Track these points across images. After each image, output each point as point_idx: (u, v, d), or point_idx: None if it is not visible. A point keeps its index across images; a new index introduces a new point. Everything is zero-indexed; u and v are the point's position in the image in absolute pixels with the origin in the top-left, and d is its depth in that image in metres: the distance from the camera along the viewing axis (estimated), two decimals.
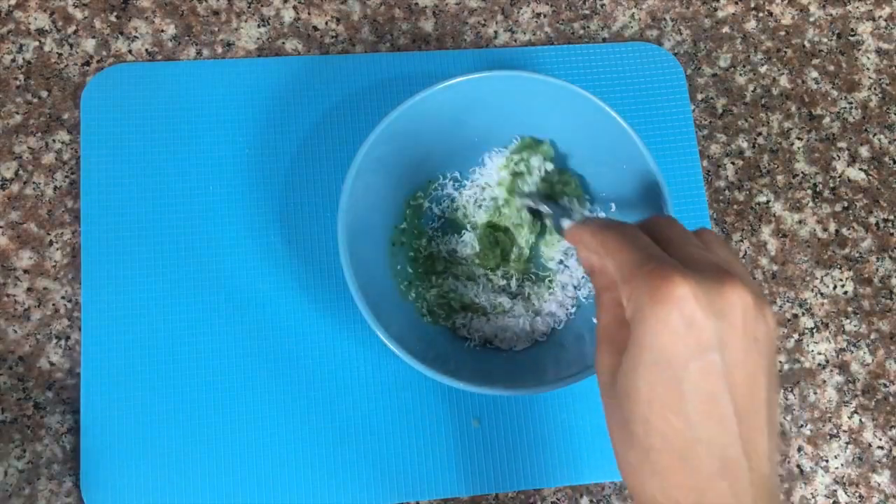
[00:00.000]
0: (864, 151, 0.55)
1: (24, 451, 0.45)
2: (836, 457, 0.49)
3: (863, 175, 0.54)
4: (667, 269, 0.28)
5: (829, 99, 0.56)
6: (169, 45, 0.52)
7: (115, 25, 0.52)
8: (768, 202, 0.53)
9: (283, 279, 0.48)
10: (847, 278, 0.52)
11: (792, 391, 0.50)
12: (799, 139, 0.55)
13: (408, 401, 0.47)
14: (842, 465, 0.49)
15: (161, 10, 0.53)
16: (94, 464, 0.44)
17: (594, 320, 0.34)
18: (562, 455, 0.47)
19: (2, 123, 0.49)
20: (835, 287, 0.52)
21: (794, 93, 0.56)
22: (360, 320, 0.42)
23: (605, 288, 0.34)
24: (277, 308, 0.47)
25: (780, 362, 0.50)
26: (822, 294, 0.52)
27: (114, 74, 0.50)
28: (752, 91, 0.55)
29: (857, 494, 0.48)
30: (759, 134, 0.54)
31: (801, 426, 0.49)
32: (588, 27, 0.55)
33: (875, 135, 0.55)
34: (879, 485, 0.49)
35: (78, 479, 0.44)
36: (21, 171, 0.49)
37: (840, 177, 0.54)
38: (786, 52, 0.56)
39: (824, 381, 0.50)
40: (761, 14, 0.57)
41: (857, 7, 0.58)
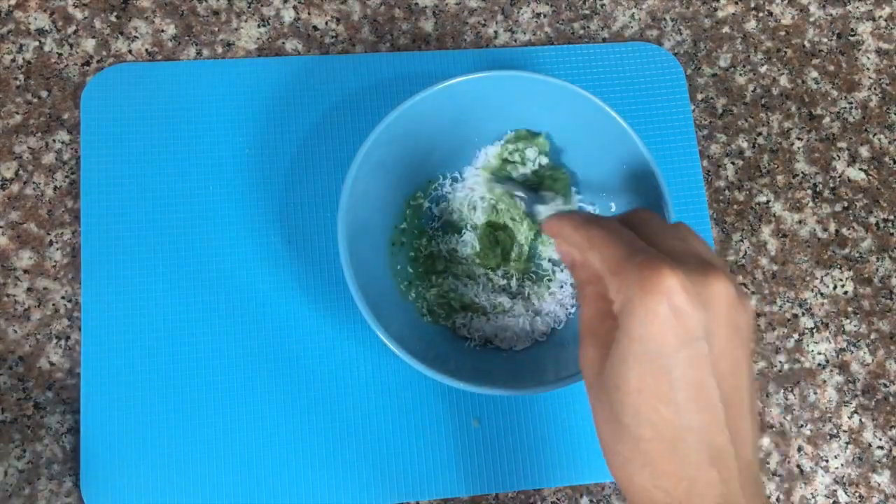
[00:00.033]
0: (864, 151, 0.55)
1: (24, 451, 0.45)
2: (836, 457, 0.49)
3: (863, 175, 0.54)
4: (656, 261, 0.29)
5: (829, 99, 0.56)
6: (169, 45, 0.52)
7: (115, 25, 0.52)
8: (768, 202, 0.53)
9: (283, 279, 0.48)
10: (847, 278, 0.52)
11: (792, 391, 0.50)
12: (799, 139, 0.55)
13: (408, 401, 0.47)
14: (842, 465, 0.49)
15: (161, 10, 0.53)
16: (94, 464, 0.44)
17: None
18: (562, 455, 0.47)
19: (2, 123, 0.49)
20: (835, 287, 0.52)
21: (794, 93, 0.56)
22: (360, 320, 0.42)
23: (588, 282, 0.34)
24: (277, 308, 0.47)
25: (780, 362, 0.50)
26: (822, 294, 0.52)
27: (114, 74, 0.50)
28: (752, 91, 0.55)
29: (857, 494, 0.48)
30: (759, 134, 0.54)
31: (801, 426, 0.49)
32: (588, 27, 0.55)
33: (875, 135, 0.55)
34: (879, 485, 0.49)
35: (78, 479, 0.44)
36: (21, 171, 0.49)
37: (840, 177, 0.54)
38: (786, 52, 0.56)
39: (824, 381, 0.50)
40: (761, 14, 0.57)
41: (857, 7, 0.58)
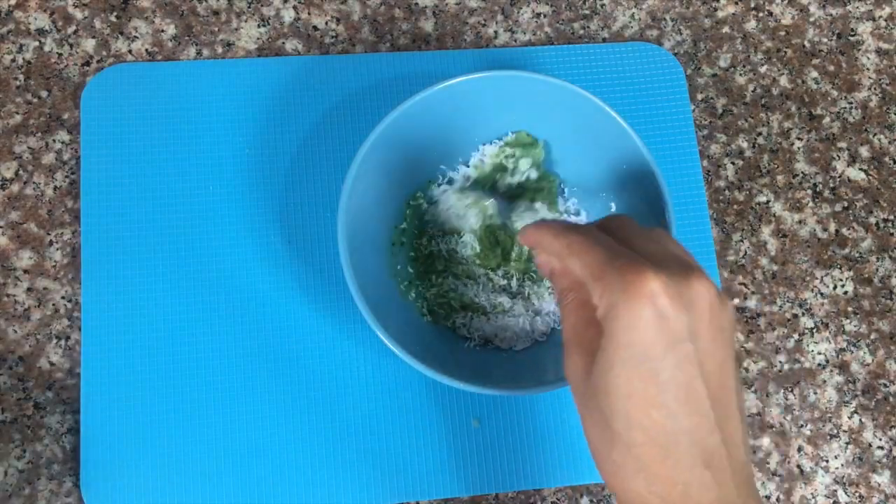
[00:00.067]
0: (864, 151, 0.55)
1: (24, 451, 0.45)
2: (836, 457, 0.49)
3: (863, 175, 0.54)
4: (638, 265, 0.29)
5: (829, 99, 0.56)
6: (169, 45, 0.52)
7: (115, 25, 0.52)
8: (768, 202, 0.53)
9: (283, 279, 0.48)
10: (847, 278, 0.52)
11: (792, 391, 0.50)
12: (799, 139, 0.55)
13: (408, 401, 0.47)
14: (842, 465, 0.49)
15: (161, 10, 0.53)
16: (94, 464, 0.44)
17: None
18: (562, 455, 0.47)
19: (2, 123, 0.49)
20: (835, 287, 0.52)
21: (794, 93, 0.56)
22: (360, 320, 0.42)
23: (569, 289, 0.34)
24: (277, 308, 0.47)
25: (780, 362, 0.50)
26: (822, 294, 0.52)
27: (114, 74, 0.50)
28: (752, 91, 0.55)
29: (857, 494, 0.48)
30: (759, 134, 0.54)
31: (801, 426, 0.49)
32: (588, 27, 0.55)
33: (875, 135, 0.55)
34: (879, 485, 0.49)
35: (78, 479, 0.44)
36: (21, 171, 0.49)
37: (840, 177, 0.54)
38: (786, 52, 0.56)
39: (824, 381, 0.50)
40: (761, 14, 0.57)
41: (857, 7, 0.58)
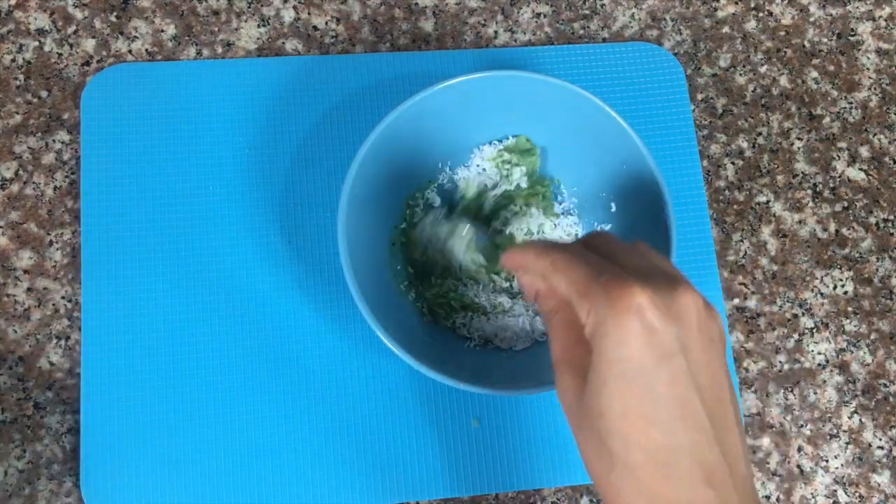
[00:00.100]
0: (864, 151, 0.55)
1: (24, 451, 0.45)
2: (836, 457, 0.49)
3: (863, 175, 0.54)
4: (624, 279, 0.28)
5: (829, 99, 0.56)
6: (169, 45, 0.52)
7: (115, 25, 0.52)
8: (768, 202, 0.53)
9: (283, 279, 0.48)
10: (847, 278, 0.52)
11: (792, 391, 0.50)
12: (799, 139, 0.55)
13: (408, 401, 0.47)
14: (842, 465, 0.49)
15: (161, 10, 0.53)
16: (94, 464, 0.44)
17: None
18: (562, 455, 0.47)
19: (2, 123, 0.49)
20: (835, 287, 0.52)
21: (794, 93, 0.56)
22: (360, 320, 0.42)
23: (555, 310, 0.33)
24: (277, 308, 0.47)
25: (780, 362, 0.50)
26: (822, 294, 0.52)
27: (114, 74, 0.50)
28: (752, 91, 0.55)
29: (857, 494, 0.48)
30: (759, 134, 0.54)
31: (801, 426, 0.49)
32: (588, 27, 0.55)
33: (875, 135, 0.55)
34: (879, 485, 0.49)
35: (78, 479, 0.44)
36: (21, 171, 0.49)
37: (840, 177, 0.54)
38: (786, 52, 0.56)
39: (824, 381, 0.50)
40: (761, 14, 0.57)
41: (857, 7, 0.58)
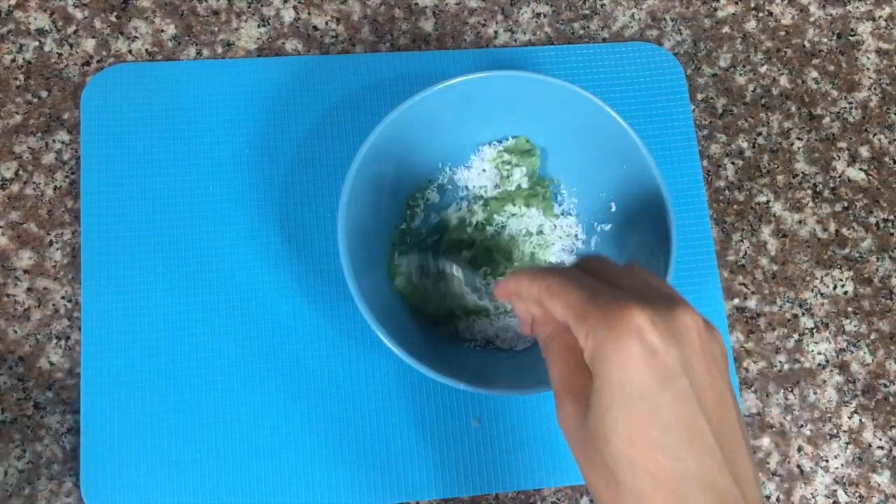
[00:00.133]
0: (864, 151, 0.55)
1: (24, 451, 0.45)
2: (836, 457, 0.49)
3: (863, 175, 0.54)
4: (622, 301, 0.28)
5: (829, 99, 0.56)
6: (169, 45, 0.52)
7: (115, 25, 0.52)
8: (768, 202, 0.53)
9: (283, 279, 0.48)
10: (847, 278, 0.52)
11: (792, 391, 0.50)
12: (799, 139, 0.55)
13: (408, 401, 0.47)
14: (842, 465, 0.49)
15: (161, 10, 0.52)
16: (94, 464, 0.44)
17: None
18: (562, 455, 0.47)
19: (2, 123, 0.49)
20: (835, 287, 0.52)
21: (794, 93, 0.56)
22: (360, 320, 0.42)
23: (552, 337, 0.32)
24: (277, 308, 0.47)
25: (780, 362, 0.50)
26: (822, 294, 0.52)
27: (114, 74, 0.50)
28: (752, 91, 0.55)
29: (857, 494, 0.48)
30: (759, 134, 0.54)
31: (801, 426, 0.49)
32: (588, 27, 0.55)
33: (875, 135, 0.55)
34: (879, 485, 0.49)
35: (78, 479, 0.44)
36: (21, 171, 0.49)
37: (840, 177, 0.54)
38: (786, 52, 0.56)
39: (824, 381, 0.50)
40: (761, 14, 0.57)
41: (857, 7, 0.58)
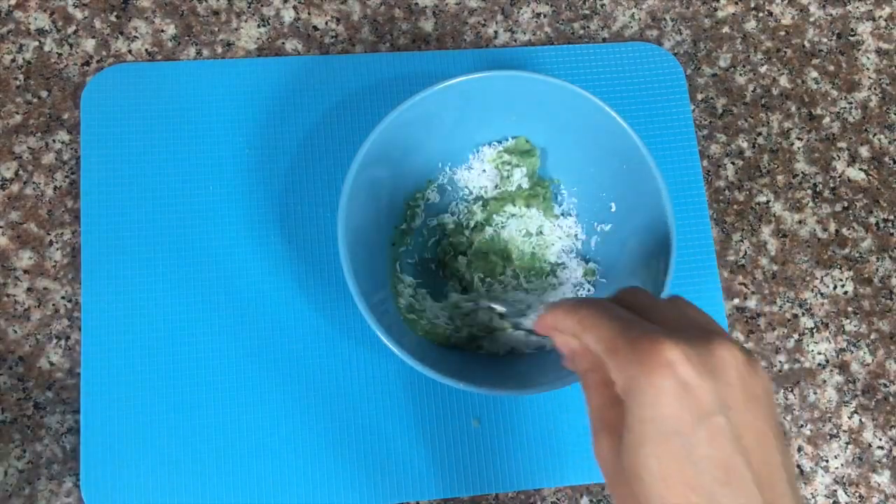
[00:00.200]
0: (864, 151, 0.55)
1: (24, 451, 0.45)
2: (836, 457, 0.49)
3: (863, 175, 0.54)
4: (652, 334, 0.27)
5: (829, 99, 0.56)
6: (169, 45, 0.52)
7: (115, 25, 0.52)
8: (768, 202, 0.53)
9: (283, 279, 0.48)
10: (847, 278, 0.52)
11: (792, 391, 0.50)
12: (799, 139, 0.55)
13: (408, 401, 0.47)
14: (842, 465, 0.49)
15: (161, 10, 0.52)
16: (94, 464, 0.44)
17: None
18: (562, 455, 0.47)
19: (2, 123, 0.49)
20: (835, 287, 0.52)
21: (794, 93, 0.56)
22: (360, 320, 0.42)
23: (590, 370, 0.32)
24: (277, 308, 0.47)
25: (780, 362, 0.50)
26: (822, 294, 0.52)
27: (114, 74, 0.50)
28: (752, 91, 0.55)
29: (857, 494, 0.48)
30: (759, 134, 0.54)
31: (801, 426, 0.49)
32: (588, 27, 0.55)
33: (875, 135, 0.55)
34: (879, 485, 0.49)
35: (78, 479, 0.44)
36: (21, 171, 0.49)
37: (840, 177, 0.54)
38: (786, 52, 0.56)
39: (824, 381, 0.50)
40: (761, 14, 0.57)
41: (857, 7, 0.58)
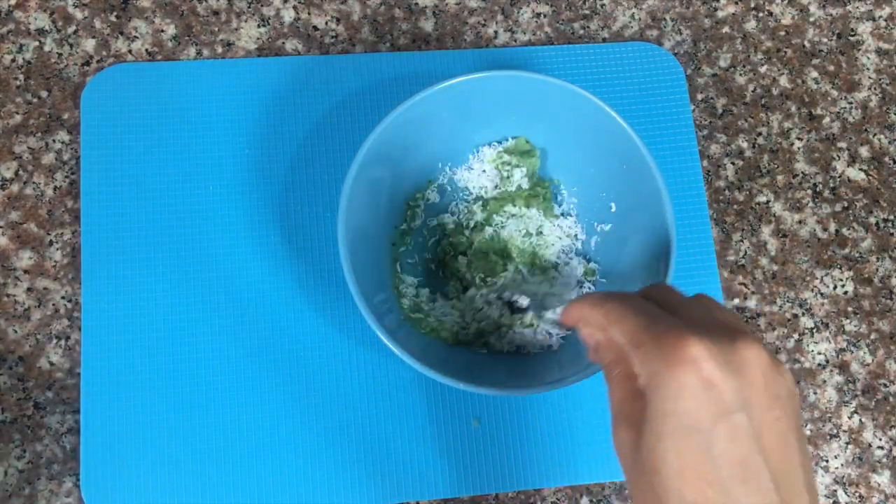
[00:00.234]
0: (864, 151, 0.55)
1: (24, 451, 0.45)
2: (836, 457, 0.49)
3: (863, 175, 0.54)
4: (678, 330, 0.27)
5: (829, 99, 0.56)
6: (169, 45, 0.52)
7: (115, 25, 0.52)
8: (768, 202, 0.53)
9: (283, 279, 0.48)
10: (847, 278, 0.52)
11: None
12: (799, 139, 0.55)
13: (408, 401, 0.47)
14: (842, 465, 0.49)
15: (161, 10, 0.52)
16: (94, 464, 0.44)
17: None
18: (562, 455, 0.47)
19: (2, 123, 0.49)
20: (835, 287, 0.52)
21: (794, 93, 0.56)
22: (360, 320, 0.42)
23: (614, 362, 0.32)
24: (277, 308, 0.47)
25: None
26: (822, 294, 0.52)
27: (114, 74, 0.50)
28: (752, 91, 0.55)
29: (857, 494, 0.48)
30: (759, 134, 0.54)
31: (801, 426, 0.49)
32: (588, 27, 0.55)
33: (875, 135, 0.55)
34: (879, 485, 0.49)
35: (78, 479, 0.44)
36: (21, 171, 0.49)
37: (840, 177, 0.54)
38: (786, 52, 0.56)
39: (824, 381, 0.50)
40: (761, 14, 0.57)
41: (857, 7, 0.58)
